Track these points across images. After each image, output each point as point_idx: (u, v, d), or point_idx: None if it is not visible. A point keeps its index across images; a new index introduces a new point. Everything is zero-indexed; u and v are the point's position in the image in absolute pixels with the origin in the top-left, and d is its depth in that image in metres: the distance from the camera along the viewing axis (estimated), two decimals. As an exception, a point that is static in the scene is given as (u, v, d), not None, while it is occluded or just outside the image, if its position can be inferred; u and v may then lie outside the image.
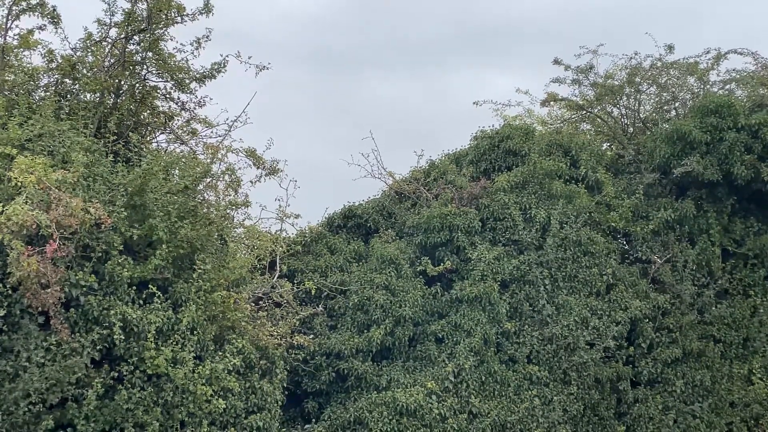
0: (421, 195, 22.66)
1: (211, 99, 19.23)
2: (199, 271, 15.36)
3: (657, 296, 22.17)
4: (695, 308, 22.80)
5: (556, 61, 26.45)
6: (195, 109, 19.34)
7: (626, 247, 23.17)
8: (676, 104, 26.47)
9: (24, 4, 17.26)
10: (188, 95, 19.04)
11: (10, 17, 17.21)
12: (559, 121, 28.79)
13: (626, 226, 22.97)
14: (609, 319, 21.18)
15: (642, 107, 26.93)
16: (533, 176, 22.01)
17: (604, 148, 27.07)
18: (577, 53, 26.61)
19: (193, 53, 18.53)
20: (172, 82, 18.76)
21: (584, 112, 27.47)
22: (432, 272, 20.38)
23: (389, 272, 20.12)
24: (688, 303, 22.60)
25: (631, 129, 26.90)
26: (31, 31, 17.56)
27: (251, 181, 18.85)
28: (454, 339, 19.50)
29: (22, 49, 17.52)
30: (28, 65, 17.60)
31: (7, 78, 16.71)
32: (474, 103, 27.33)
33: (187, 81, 18.70)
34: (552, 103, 27.48)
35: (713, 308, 23.07)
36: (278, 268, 19.85)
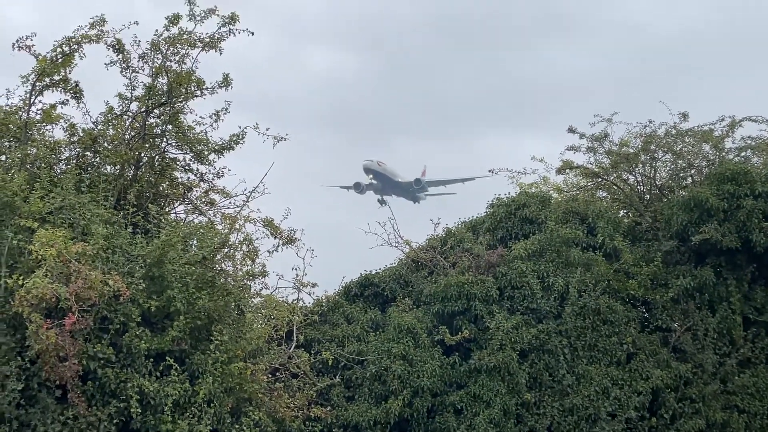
0: (438, 263, 22.61)
1: (229, 170, 19.47)
2: (216, 342, 15.33)
3: (678, 365, 21.85)
4: (718, 378, 22.44)
5: (571, 130, 26.63)
6: (213, 180, 19.58)
7: (646, 315, 22.93)
8: (692, 171, 26.49)
9: (47, 80, 17.66)
10: (207, 166, 19.30)
11: (33, 93, 17.59)
12: (575, 189, 28.85)
13: (645, 294, 22.79)
14: (630, 389, 20.86)
15: (658, 174, 26.96)
16: (550, 244, 21.95)
17: (620, 215, 27.03)
18: (592, 122, 26.83)
19: (212, 125, 18.86)
20: (191, 154, 19.03)
21: (600, 179, 27.53)
22: (450, 341, 20.20)
23: (407, 342, 19.96)
24: (711, 372, 22.24)
25: (648, 196, 26.88)
26: (53, 106, 17.96)
27: (268, 251, 18.90)
28: (473, 410, 19.23)
29: (44, 124, 17.88)
30: (50, 139, 17.96)
31: (29, 152, 17.01)
32: (489, 171, 27.54)
33: (206, 153, 18.96)
34: (567, 170, 27.58)
35: (736, 378, 22.68)
36: (295, 338, 19.73)
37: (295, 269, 20.51)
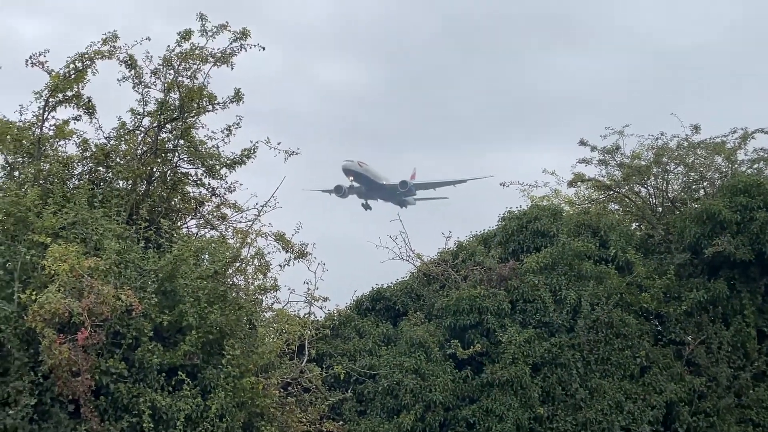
0: (449, 277, 22.58)
1: (241, 184, 19.43)
2: (228, 356, 15.30)
3: (692, 379, 21.71)
4: (732, 391, 22.25)
5: (582, 143, 26.61)
6: (225, 194, 19.56)
7: (659, 328, 22.81)
8: (705, 184, 26.39)
9: (60, 95, 17.73)
10: (219, 181, 19.29)
11: (46, 108, 17.68)
12: (586, 202, 28.78)
13: (658, 307, 22.68)
14: (644, 403, 20.73)
15: (670, 187, 26.88)
16: (562, 257, 21.90)
17: (633, 228, 26.96)
18: (603, 134, 26.80)
19: (223, 140, 18.89)
20: (203, 169, 19.05)
21: (612, 192, 27.46)
22: (462, 355, 20.14)
23: (419, 356, 19.92)
24: (725, 386, 22.07)
25: (660, 209, 26.80)
26: (66, 122, 18.01)
27: (280, 265, 18.87)
28: (486, 425, 19.14)
29: (57, 139, 17.94)
30: (63, 154, 18.01)
31: (42, 168, 17.07)
32: (501, 184, 27.55)
33: (218, 167, 18.98)
34: (579, 183, 27.54)
35: (751, 391, 22.49)
36: (307, 352, 19.71)
37: (307, 283, 20.55)
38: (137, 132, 18.71)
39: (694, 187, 26.68)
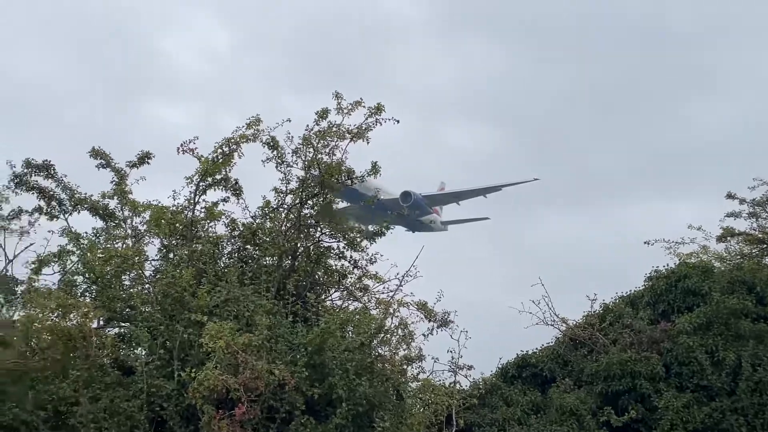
0: (597, 341, 21.95)
1: (381, 255, 19.66)
2: (379, 429, 15.30)
3: None
4: None
5: (730, 195, 25.60)
6: (366, 266, 19.78)
7: (831, 389, 21.25)
8: None
9: (209, 179, 18.61)
10: (360, 253, 19.58)
11: (197, 192, 18.57)
12: (738, 257, 27.45)
13: (828, 366, 21.15)
14: (820, 471, 19.27)
15: (830, 237, 25.35)
16: (717, 316, 20.93)
17: (792, 282, 25.43)
18: (751, 185, 25.71)
19: (363, 212, 19.26)
20: (345, 242, 19.41)
21: (766, 245, 26.13)
22: (616, 423, 19.44)
23: (571, 424, 19.34)
24: None
25: (821, 260, 25.25)
26: (216, 203, 18.86)
27: (424, 334, 18.81)
28: (647, 496, 18.26)
29: (208, 221, 18.77)
30: (213, 235, 18.79)
31: (195, 248, 17.86)
32: (645, 242, 26.70)
33: (359, 239, 19.31)
34: (729, 238, 26.40)
35: None
36: (455, 423, 19.46)
37: (450, 352, 20.38)
38: (281, 209, 19.32)
39: None
